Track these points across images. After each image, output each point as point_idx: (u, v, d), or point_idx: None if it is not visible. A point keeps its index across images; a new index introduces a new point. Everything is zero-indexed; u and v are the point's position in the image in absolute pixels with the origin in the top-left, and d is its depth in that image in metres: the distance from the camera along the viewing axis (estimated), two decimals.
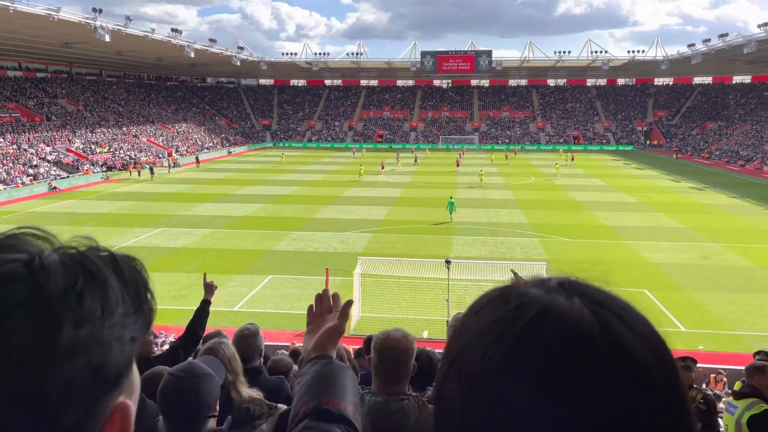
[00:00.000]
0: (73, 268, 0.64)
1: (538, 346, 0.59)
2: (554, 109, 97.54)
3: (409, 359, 2.69)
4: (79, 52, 62.51)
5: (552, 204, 36.59)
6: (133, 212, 33.67)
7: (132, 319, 0.67)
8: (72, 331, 0.60)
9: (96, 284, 0.65)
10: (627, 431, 0.57)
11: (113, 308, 0.65)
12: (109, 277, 0.67)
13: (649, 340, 0.62)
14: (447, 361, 0.66)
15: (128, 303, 0.67)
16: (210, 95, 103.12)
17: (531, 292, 0.65)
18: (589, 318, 0.60)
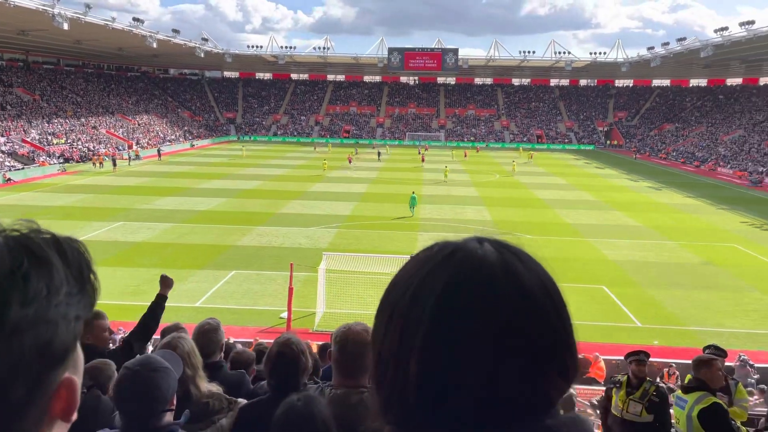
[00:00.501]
0: (17, 249, 0.66)
1: (447, 273, 0.72)
2: (518, 108, 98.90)
3: (369, 352, 2.69)
4: (36, 39, 60.40)
5: (515, 201, 37.14)
6: (91, 205, 32.79)
7: (76, 298, 0.70)
8: (20, 309, 0.62)
9: (40, 265, 0.66)
10: (514, 346, 0.70)
11: (58, 288, 0.67)
12: (52, 258, 0.68)
13: (539, 275, 0.75)
14: (383, 306, 0.79)
15: (72, 283, 0.69)
16: (173, 87, 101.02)
17: (450, 240, 0.80)
18: (491, 253, 0.75)
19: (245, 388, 3.66)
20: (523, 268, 0.74)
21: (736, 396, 6.87)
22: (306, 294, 17.79)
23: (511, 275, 0.72)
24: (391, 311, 0.75)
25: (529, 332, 0.70)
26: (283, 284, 18.11)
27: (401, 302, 0.73)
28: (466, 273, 0.72)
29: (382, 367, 0.76)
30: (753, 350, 14.64)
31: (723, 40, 59.95)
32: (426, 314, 0.70)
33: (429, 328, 0.69)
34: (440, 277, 0.72)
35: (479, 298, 0.70)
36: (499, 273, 0.72)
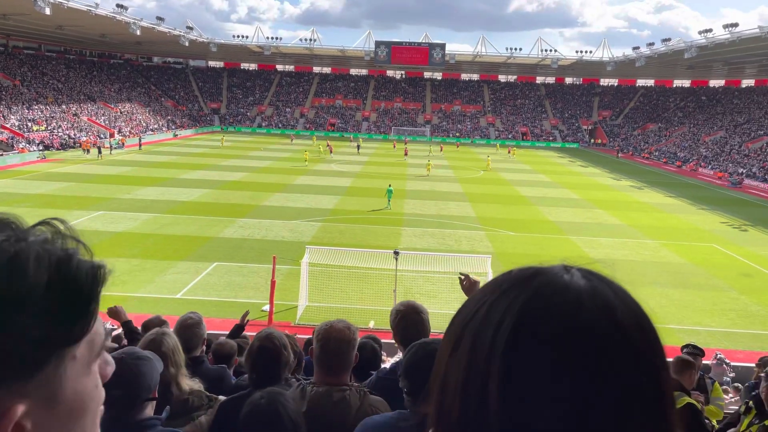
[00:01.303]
0: None
1: (526, 295, 0.64)
2: (504, 105, 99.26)
3: (351, 350, 2.69)
4: (16, 24, 59.19)
5: (499, 198, 37.31)
6: (71, 194, 32.31)
7: (45, 320, 0.63)
8: None
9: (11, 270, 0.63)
10: (602, 380, 0.60)
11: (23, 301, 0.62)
12: (32, 270, 0.64)
13: (633, 308, 0.67)
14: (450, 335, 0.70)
15: (46, 304, 0.64)
16: (156, 75, 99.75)
17: (531, 265, 0.71)
18: (579, 279, 0.66)
19: (226, 383, 3.64)
20: (615, 298, 0.66)
21: (713, 395, 6.97)
22: (288, 287, 17.72)
23: (600, 304, 0.64)
24: (460, 335, 0.67)
25: (620, 368, 0.62)
26: (265, 277, 18.01)
27: (472, 325, 0.66)
28: (549, 296, 0.64)
29: (446, 397, 0.67)
30: (729, 349, 14.90)
31: (707, 42, 60.67)
32: (501, 339, 0.62)
33: (504, 354, 0.62)
34: (518, 299, 0.64)
35: (564, 325, 0.62)
36: (587, 300, 0.64)
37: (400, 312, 3.27)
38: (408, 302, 3.35)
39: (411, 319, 3.16)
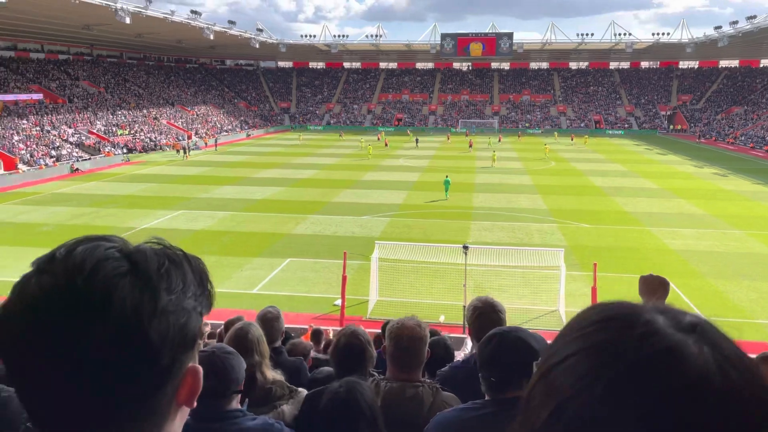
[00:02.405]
0: (160, 254, 0.86)
1: (656, 384, 0.56)
2: (576, 93, 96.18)
3: (423, 346, 2.75)
4: (100, 34, 62.93)
5: (571, 189, 36.26)
6: (154, 194, 34.09)
7: (201, 298, 0.89)
8: (166, 295, 0.82)
9: (176, 267, 0.86)
10: None
11: (189, 286, 0.86)
12: (185, 263, 0.88)
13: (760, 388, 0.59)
14: (540, 371, 0.65)
15: (197, 286, 0.88)
16: (229, 77, 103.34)
17: (660, 324, 0.62)
18: (713, 371, 0.58)
19: (303, 374, 3.80)
20: (753, 397, 0.58)
21: None
22: (359, 282, 17.98)
23: (733, 407, 0.56)
24: (561, 402, 0.59)
25: None
26: (336, 272, 18.35)
27: (579, 399, 0.58)
28: (682, 396, 0.55)
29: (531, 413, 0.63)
30: None
31: None
32: (596, 399, 0.56)
33: (598, 417, 0.56)
34: (648, 389, 0.56)
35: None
36: (720, 402, 0.56)
37: (478, 309, 3.28)
38: (486, 299, 3.35)
39: (489, 317, 3.18)
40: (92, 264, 0.79)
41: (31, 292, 0.78)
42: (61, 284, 0.77)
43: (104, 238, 0.86)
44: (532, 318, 15.18)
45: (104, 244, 0.83)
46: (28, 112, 52.60)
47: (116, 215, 28.09)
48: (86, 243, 0.83)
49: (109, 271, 0.79)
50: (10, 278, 18.58)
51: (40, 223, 26.71)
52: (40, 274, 0.79)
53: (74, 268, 0.78)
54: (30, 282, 0.79)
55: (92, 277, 0.78)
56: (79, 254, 0.80)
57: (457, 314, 15.31)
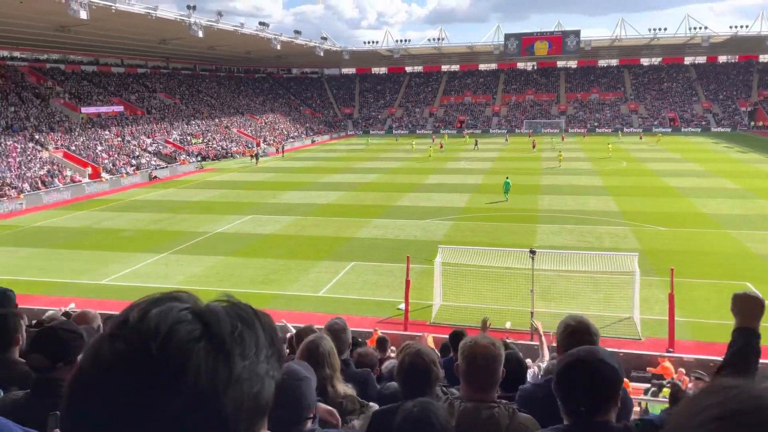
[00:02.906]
0: (232, 314, 0.81)
1: None
2: (648, 90, 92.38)
3: (498, 366, 2.69)
4: (175, 48, 65.96)
5: (645, 190, 34.84)
6: (225, 200, 35.34)
7: (272, 359, 0.84)
8: (240, 361, 0.77)
9: (249, 328, 0.82)
10: None
11: (262, 347, 0.82)
12: (256, 323, 0.84)
13: None
14: None
15: (268, 346, 0.84)
16: (295, 86, 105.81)
17: (740, 386, 0.61)
18: None
19: (371, 386, 3.82)
20: None
21: None
22: (422, 286, 17.95)
23: None
24: None
25: None
26: (400, 276, 18.40)
27: None
28: None
29: None
30: None
31: None
32: None
33: None
34: None
35: None
36: None
37: (570, 327, 3.16)
38: (581, 318, 3.23)
39: (582, 339, 3.04)
40: (166, 329, 0.75)
41: (105, 357, 0.75)
42: (136, 350, 0.74)
43: (175, 297, 0.83)
44: (605, 325, 14.66)
45: (177, 306, 0.80)
46: (110, 124, 55.74)
47: (190, 220, 29.30)
48: (159, 305, 0.80)
49: (183, 336, 0.75)
50: (96, 281, 19.76)
51: (121, 229, 28.23)
52: (114, 338, 0.77)
53: (148, 334, 0.75)
54: (104, 346, 0.76)
55: (167, 343, 0.74)
56: (152, 318, 0.77)
57: (524, 320, 15.01)
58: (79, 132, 50.54)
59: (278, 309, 16.77)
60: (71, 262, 22.49)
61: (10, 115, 47.68)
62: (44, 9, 40.46)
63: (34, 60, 61.55)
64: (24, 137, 45.00)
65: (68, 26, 47.00)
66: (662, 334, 14.45)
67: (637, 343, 14.32)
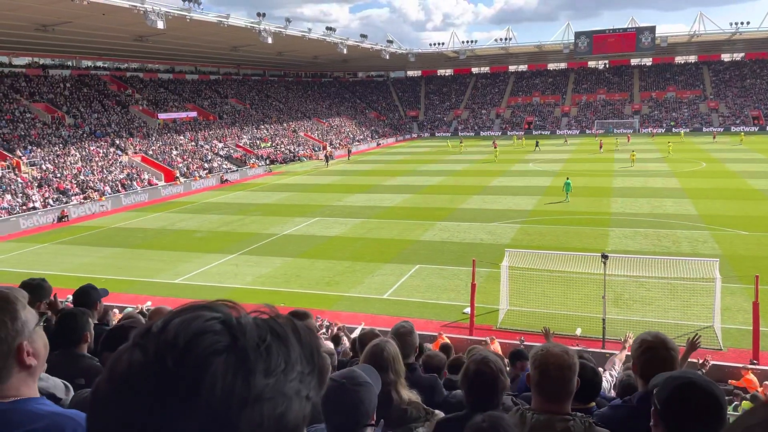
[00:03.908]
0: (262, 326, 0.75)
1: None
2: (729, 87, 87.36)
3: (572, 375, 2.55)
4: (245, 54, 68.07)
5: (726, 193, 32.92)
6: (292, 202, 36.09)
7: (308, 378, 0.76)
8: (263, 379, 0.70)
9: (281, 342, 0.75)
10: None
11: (294, 364, 0.75)
12: (291, 337, 0.77)
13: None
14: None
15: (305, 363, 0.76)
16: (361, 89, 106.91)
17: None
18: None
19: (438, 393, 3.72)
20: None
21: None
22: (488, 290, 17.62)
23: None
24: None
25: None
26: (465, 279, 18.14)
27: None
28: None
29: None
30: None
31: None
32: None
33: None
34: None
35: None
36: None
37: (646, 342, 3.02)
38: (657, 334, 3.09)
39: (659, 354, 2.90)
40: (186, 340, 0.70)
41: (121, 369, 0.71)
42: (150, 363, 0.70)
43: (209, 306, 0.76)
44: (682, 334, 13.89)
45: (205, 315, 0.74)
46: (185, 129, 58.16)
47: (259, 222, 30.09)
48: (186, 313, 0.74)
49: (204, 347, 0.70)
50: (170, 280, 20.60)
51: (194, 230, 29.34)
52: (133, 348, 0.73)
53: (166, 345, 0.70)
54: (122, 358, 0.73)
55: (184, 355, 0.69)
56: (173, 328, 0.72)
57: (595, 327, 14.45)
58: (156, 137, 53.01)
59: (343, 311, 16.91)
60: (148, 261, 23.56)
61: (94, 122, 50.59)
62: (124, 20, 42.70)
63: (115, 69, 65.09)
64: (106, 142, 47.65)
65: (146, 36, 49.42)
66: (746, 344, 13.57)
67: (719, 353, 13.48)
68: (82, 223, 32.86)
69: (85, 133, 47.96)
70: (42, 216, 33.20)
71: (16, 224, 31.52)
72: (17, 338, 1.58)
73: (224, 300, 0.79)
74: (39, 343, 1.66)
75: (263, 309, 0.80)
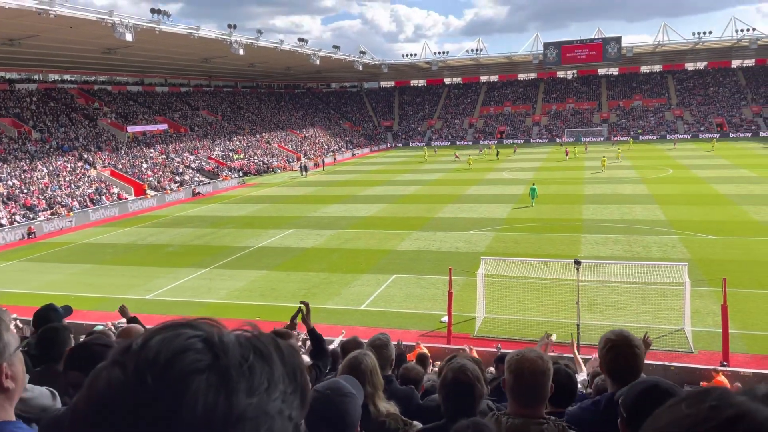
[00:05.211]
0: (245, 345, 0.74)
1: None
2: (693, 95, 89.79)
3: (547, 380, 2.59)
4: (216, 66, 67.63)
5: (693, 198, 33.71)
6: (267, 214, 35.81)
7: (291, 397, 0.74)
8: (245, 398, 0.69)
9: (264, 361, 0.73)
10: None
11: (277, 383, 0.73)
12: (274, 356, 0.75)
13: None
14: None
15: (287, 382, 0.75)
16: (335, 100, 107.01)
17: (732, 395, 0.64)
18: None
19: (414, 403, 3.70)
20: None
21: None
22: (465, 298, 17.70)
23: None
24: None
25: None
26: (442, 288, 18.19)
27: None
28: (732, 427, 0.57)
29: None
30: None
31: None
32: None
33: None
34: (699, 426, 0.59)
35: None
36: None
37: (611, 341, 3.07)
38: (620, 332, 3.14)
39: (623, 351, 2.96)
40: (166, 358, 0.69)
41: (99, 388, 0.70)
42: (130, 381, 0.68)
43: (190, 324, 0.75)
44: (655, 338, 14.12)
45: (187, 333, 0.73)
46: (155, 142, 57.38)
47: (232, 235, 29.77)
48: (167, 331, 0.73)
49: (185, 365, 0.68)
50: (141, 296, 20.21)
51: (166, 244, 28.89)
52: (113, 366, 0.71)
53: (146, 363, 0.69)
54: (101, 375, 0.71)
55: (164, 374, 0.67)
56: (154, 346, 0.70)
57: (568, 333, 14.60)
58: (126, 150, 52.20)
59: (320, 323, 16.78)
60: (118, 277, 23.10)
61: (61, 136, 49.63)
62: (92, 33, 42.10)
63: (83, 82, 63.98)
64: (74, 157, 46.73)
65: (115, 48, 48.81)
66: (716, 347, 13.85)
67: (690, 356, 13.74)
68: (49, 240, 32.11)
69: (52, 147, 47.00)
70: (9, 233, 32.36)
71: None
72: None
73: (206, 317, 0.78)
74: (18, 366, 1.60)
75: (246, 327, 0.79)
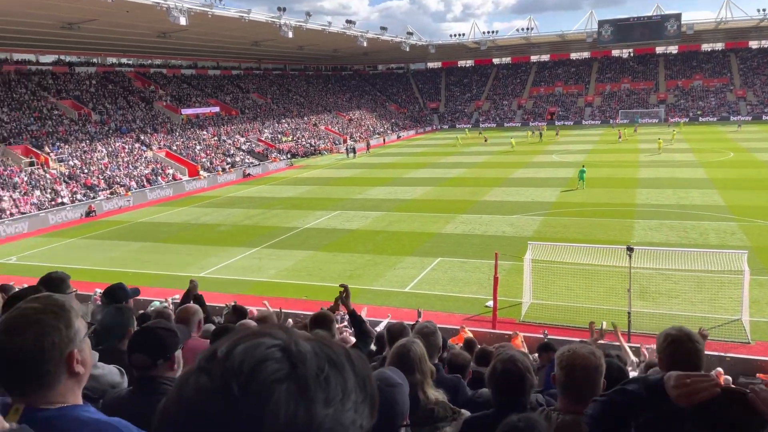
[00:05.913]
0: (320, 355, 0.76)
1: None
2: (758, 75, 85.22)
3: (599, 376, 2.54)
4: (266, 49, 68.35)
5: (754, 183, 32.21)
6: (314, 196, 36.25)
7: (362, 407, 0.77)
8: (323, 409, 0.71)
9: (338, 371, 0.76)
10: None
11: (350, 394, 0.75)
12: (347, 366, 0.77)
13: None
14: None
15: (358, 392, 0.77)
16: (381, 82, 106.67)
17: None
18: None
19: (461, 393, 3.72)
20: None
21: None
22: (511, 283, 17.53)
23: None
24: None
25: None
26: (487, 272, 18.06)
27: None
28: None
29: None
30: None
31: None
32: None
33: None
34: None
35: None
36: None
37: (671, 336, 2.99)
38: (681, 327, 3.06)
39: (684, 347, 2.85)
40: (250, 367, 0.72)
41: (188, 392, 0.74)
42: (217, 388, 0.72)
43: (268, 333, 0.78)
44: (710, 327, 13.68)
45: (266, 342, 0.76)
46: (207, 124, 58.69)
47: (281, 216, 30.30)
48: (248, 340, 0.76)
49: (267, 375, 0.71)
50: (194, 274, 20.86)
51: (218, 224, 29.67)
52: (200, 373, 0.75)
53: (231, 372, 0.72)
54: (189, 381, 0.75)
55: (249, 383, 0.71)
56: (238, 355, 0.74)
57: (620, 320, 14.28)
58: (180, 132, 53.61)
59: (365, 304, 16.97)
60: (173, 255, 23.91)
61: (119, 118, 51.35)
62: (148, 17, 43.15)
63: (139, 65, 65.86)
64: (131, 138, 48.33)
65: (169, 32, 49.92)
66: None
67: (746, 347, 13.26)
68: (108, 218, 33.46)
69: (110, 129, 48.71)
70: (70, 211, 33.87)
71: (45, 219, 32.23)
72: (69, 345, 1.63)
73: (278, 325, 0.82)
74: (87, 352, 1.71)
75: (315, 336, 0.81)
